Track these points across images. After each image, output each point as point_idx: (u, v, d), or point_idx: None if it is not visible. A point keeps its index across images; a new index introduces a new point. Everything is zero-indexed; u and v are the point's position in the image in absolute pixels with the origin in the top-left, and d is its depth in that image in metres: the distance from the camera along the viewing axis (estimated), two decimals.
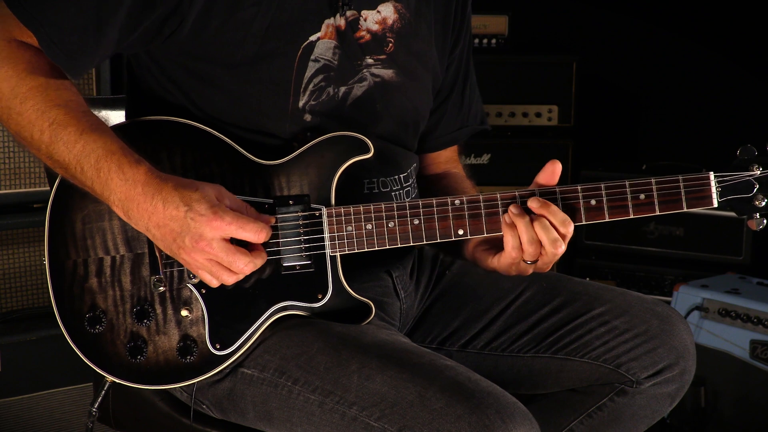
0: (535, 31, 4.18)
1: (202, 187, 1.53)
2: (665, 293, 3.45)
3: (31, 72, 1.57)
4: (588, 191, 1.66)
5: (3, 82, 1.56)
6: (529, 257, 1.64)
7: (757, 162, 1.66)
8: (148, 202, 1.52)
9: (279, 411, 1.62)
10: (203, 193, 1.52)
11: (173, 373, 1.65)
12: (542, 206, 1.62)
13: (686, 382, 1.83)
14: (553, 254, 1.63)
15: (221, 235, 1.52)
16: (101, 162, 1.53)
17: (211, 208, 1.51)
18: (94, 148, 1.53)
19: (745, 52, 3.99)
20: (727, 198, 1.65)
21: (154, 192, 1.52)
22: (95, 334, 1.64)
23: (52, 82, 1.57)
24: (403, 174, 1.83)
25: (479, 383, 1.51)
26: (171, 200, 1.52)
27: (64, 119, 1.54)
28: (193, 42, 1.64)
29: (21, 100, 1.55)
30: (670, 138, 4.21)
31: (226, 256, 1.53)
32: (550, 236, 1.61)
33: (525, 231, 1.62)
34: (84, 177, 1.55)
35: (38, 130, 1.55)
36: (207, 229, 1.51)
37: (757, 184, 1.66)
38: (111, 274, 1.65)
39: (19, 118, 1.56)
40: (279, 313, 1.65)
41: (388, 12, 1.79)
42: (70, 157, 1.54)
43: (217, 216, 1.51)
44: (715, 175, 1.65)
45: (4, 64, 1.56)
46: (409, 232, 1.66)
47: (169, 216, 1.52)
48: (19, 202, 2.74)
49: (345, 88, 1.74)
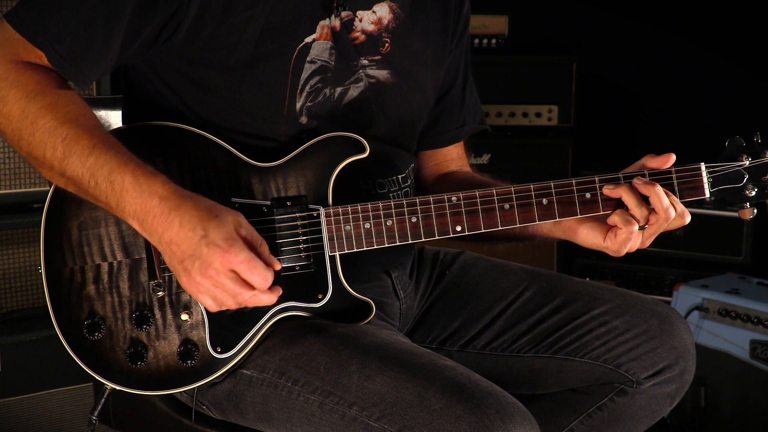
0: (535, 31, 4.17)
1: (222, 215, 1.51)
2: (665, 293, 3.45)
3: (40, 92, 1.56)
4: (582, 185, 1.67)
5: (13, 105, 1.55)
6: (642, 219, 1.65)
7: (746, 152, 1.69)
8: (164, 217, 1.51)
9: (279, 411, 1.62)
10: (222, 221, 1.50)
11: (174, 378, 1.64)
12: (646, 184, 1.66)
13: (686, 382, 1.83)
14: (665, 211, 1.63)
15: (231, 268, 1.50)
16: (115, 173, 1.52)
17: (227, 241, 1.49)
18: (107, 159, 1.52)
19: (744, 52, 3.99)
20: (719, 188, 1.67)
21: (171, 208, 1.51)
22: (94, 341, 1.64)
23: (61, 99, 1.57)
24: (401, 175, 1.83)
25: (479, 383, 1.51)
26: (188, 221, 1.50)
27: (76, 133, 1.53)
28: (187, 47, 1.64)
29: (32, 121, 1.54)
30: (670, 138, 4.21)
31: (234, 287, 1.51)
32: (658, 193, 1.64)
33: (631, 197, 1.64)
34: (98, 191, 1.53)
35: (51, 147, 1.54)
36: (218, 260, 1.49)
37: (746, 174, 1.69)
38: (109, 281, 1.64)
39: (30, 139, 1.55)
40: (280, 315, 1.65)
41: (383, 12, 1.78)
42: (83, 171, 1.53)
43: (232, 251, 1.49)
44: (706, 166, 1.68)
45: (13, 87, 1.55)
46: (407, 229, 1.66)
47: (184, 236, 1.50)
48: (19, 202, 2.73)
49: (341, 89, 1.74)
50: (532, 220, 1.67)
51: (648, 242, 1.69)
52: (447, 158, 2.02)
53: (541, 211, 1.67)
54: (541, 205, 1.67)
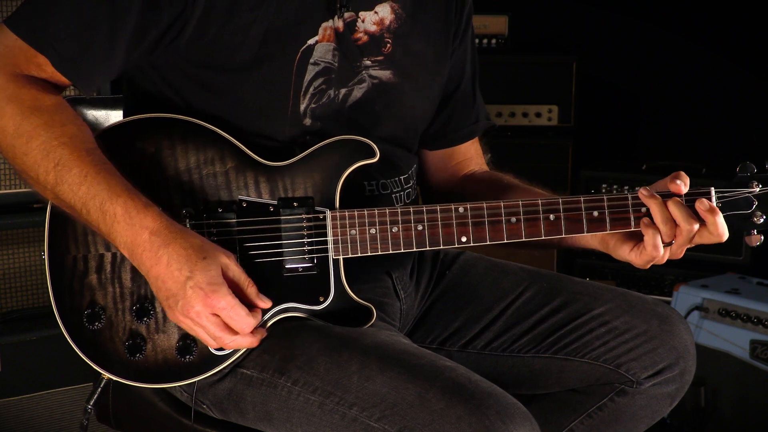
0: (535, 31, 4.18)
1: (210, 256, 1.52)
2: (665, 293, 3.45)
3: (36, 110, 1.55)
4: (590, 202, 1.67)
5: (8, 120, 1.55)
6: (666, 237, 1.65)
7: (756, 179, 1.68)
8: (153, 252, 1.51)
9: (279, 411, 1.62)
10: (209, 264, 1.51)
11: (172, 372, 1.64)
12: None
13: (686, 382, 1.83)
14: (689, 231, 1.63)
15: (213, 312, 1.52)
16: (106, 205, 1.52)
17: (210, 285, 1.50)
18: (98, 190, 1.52)
19: (744, 52, 3.99)
20: (727, 214, 1.67)
21: (161, 244, 1.51)
22: (94, 330, 1.64)
23: (57, 118, 1.56)
24: (403, 176, 1.83)
25: (479, 384, 1.51)
26: (176, 260, 1.51)
27: (69, 160, 1.53)
28: (191, 48, 1.63)
29: (26, 140, 1.54)
30: (670, 138, 4.21)
31: (215, 331, 1.54)
32: (683, 213, 1.63)
33: (659, 211, 1.64)
34: (90, 218, 1.54)
35: (44, 171, 1.54)
36: (199, 304, 1.51)
37: (756, 201, 1.68)
38: (111, 271, 1.65)
39: (24, 158, 1.55)
40: (280, 315, 1.65)
41: (385, 13, 1.78)
42: (75, 200, 1.53)
43: (215, 296, 1.51)
44: (716, 191, 1.67)
45: (9, 102, 1.55)
46: (412, 237, 1.66)
47: (170, 275, 1.51)
48: (19, 202, 2.73)
49: (345, 90, 1.74)
50: (537, 235, 1.67)
51: (680, 253, 1.69)
52: (466, 156, 2.02)
53: (547, 226, 1.67)
54: (548, 220, 1.67)
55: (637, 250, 1.69)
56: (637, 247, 1.69)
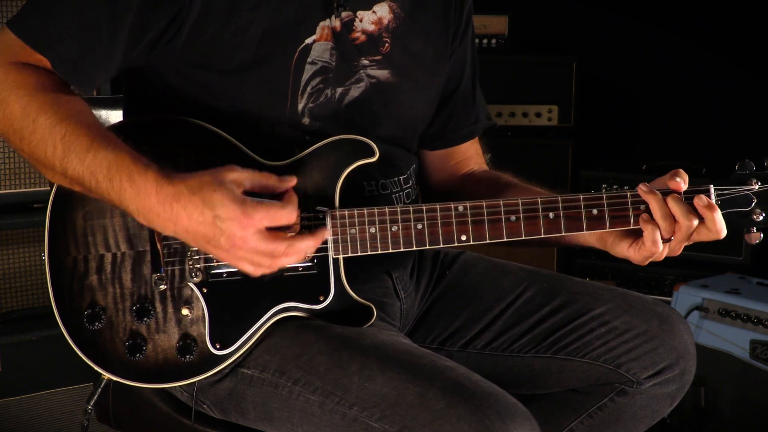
0: (535, 31, 4.18)
1: (219, 185, 1.49)
2: (665, 293, 3.45)
3: (41, 89, 1.55)
4: (589, 200, 1.67)
5: (14, 104, 1.54)
6: (665, 233, 1.65)
7: (756, 177, 1.68)
8: (167, 212, 1.50)
9: (279, 411, 1.62)
10: (222, 194, 1.49)
11: (172, 372, 1.65)
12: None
13: (686, 382, 1.83)
14: (688, 227, 1.63)
15: (255, 229, 1.50)
16: (112, 172, 1.51)
17: (238, 209, 1.48)
18: (105, 156, 1.51)
19: (744, 52, 3.99)
20: (726, 211, 1.66)
21: (170, 200, 1.49)
22: (94, 331, 1.64)
23: (62, 96, 1.56)
24: (402, 176, 1.83)
25: (480, 384, 1.51)
26: (192, 207, 1.49)
27: (75, 130, 1.53)
28: (189, 49, 1.63)
29: (33, 118, 1.54)
30: (670, 138, 4.21)
31: (266, 245, 1.51)
32: (682, 209, 1.63)
33: (658, 207, 1.63)
34: (99, 188, 1.53)
35: (51, 146, 1.53)
36: (239, 229, 1.49)
37: (755, 198, 1.67)
38: (111, 271, 1.65)
39: (31, 137, 1.55)
40: (280, 314, 1.65)
41: (383, 12, 1.78)
42: (83, 169, 1.52)
43: (246, 215, 1.48)
44: (715, 188, 1.67)
45: (14, 88, 1.55)
46: (412, 236, 1.66)
47: (196, 222, 1.49)
48: (19, 202, 2.74)
49: (342, 89, 1.74)
50: (537, 233, 1.67)
51: (678, 250, 1.69)
52: (466, 156, 2.02)
53: (547, 224, 1.67)
54: (548, 218, 1.67)
55: (636, 246, 1.69)
56: (636, 243, 1.69)
